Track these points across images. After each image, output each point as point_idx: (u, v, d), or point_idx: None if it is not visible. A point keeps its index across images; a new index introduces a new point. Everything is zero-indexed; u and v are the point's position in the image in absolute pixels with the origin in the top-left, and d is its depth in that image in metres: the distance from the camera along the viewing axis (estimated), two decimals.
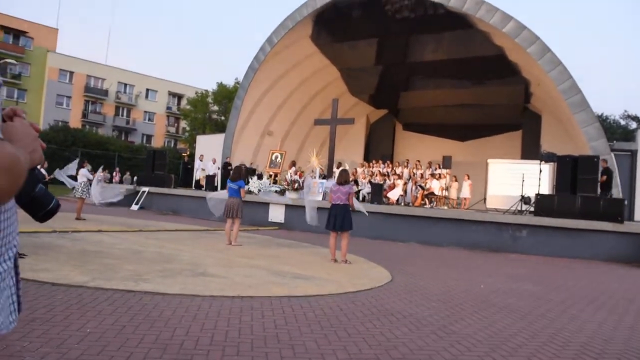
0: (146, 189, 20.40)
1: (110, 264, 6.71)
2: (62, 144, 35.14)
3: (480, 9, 17.36)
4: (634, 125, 43.01)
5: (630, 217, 16.99)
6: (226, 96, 44.14)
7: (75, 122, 47.30)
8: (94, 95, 50.87)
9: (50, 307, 4.34)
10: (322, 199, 15.96)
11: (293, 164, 19.90)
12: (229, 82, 46.35)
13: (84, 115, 50.12)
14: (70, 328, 3.78)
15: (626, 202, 14.69)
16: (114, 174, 31.34)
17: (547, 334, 4.63)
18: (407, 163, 21.54)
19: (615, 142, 21.57)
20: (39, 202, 1.56)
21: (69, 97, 49.22)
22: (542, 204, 13.45)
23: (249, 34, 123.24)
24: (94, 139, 39.51)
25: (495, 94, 23.54)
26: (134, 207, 20.00)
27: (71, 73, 49.30)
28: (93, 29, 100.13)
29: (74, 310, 4.27)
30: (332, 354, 3.63)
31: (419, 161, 21.34)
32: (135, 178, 24.59)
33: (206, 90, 47.55)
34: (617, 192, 15.53)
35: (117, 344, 3.51)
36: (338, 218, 8.39)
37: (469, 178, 19.65)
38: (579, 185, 13.04)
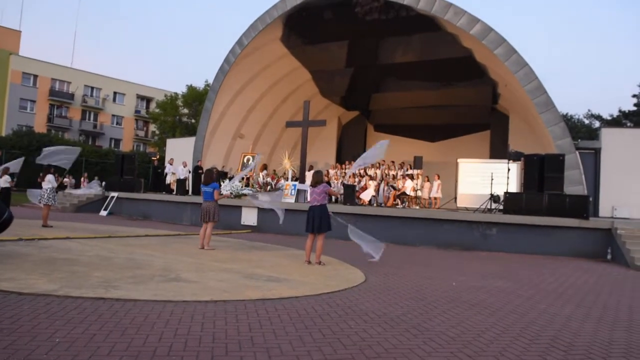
0: (115, 194, 20.02)
1: (79, 271, 6.55)
2: (27, 150, 34.12)
3: (448, 12, 17.63)
4: (597, 124, 44.33)
5: (595, 214, 17.50)
6: (196, 99, 43.65)
7: (40, 126, 46.01)
8: (60, 99, 49.62)
9: (16, 317, 4.21)
10: (295, 201, 15.96)
11: (264, 167, 19.83)
12: (199, 85, 45.90)
13: (49, 120, 48.83)
14: (38, 338, 3.68)
15: (591, 199, 15.14)
16: (82, 179, 30.63)
17: (517, 329, 4.74)
18: (380, 164, 21.70)
19: (579, 140, 22.21)
20: None
21: (33, 101, 47.89)
22: (511, 202, 13.74)
23: (218, 36, 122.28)
24: (59, 143, 38.35)
25: (464, 95, 23.97)
26: (103, 212, 19.60)
27: (35, 76, 47.98)
28: (57, 31, 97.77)
29: (41, 320, 4.16)
30: (307, 356, 3.63)
31: (393, 162, 21.53)
32: (103, 183, 24.05)
33: (175, 93, 46.92)
34: (582, 189, 15.98)
35: (87, 353, 3.43)
36: (316, 220, 8.40)
37: (438, 178, 19.93)
38: (545, 183, 13.38)
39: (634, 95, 40.91)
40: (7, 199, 13.98)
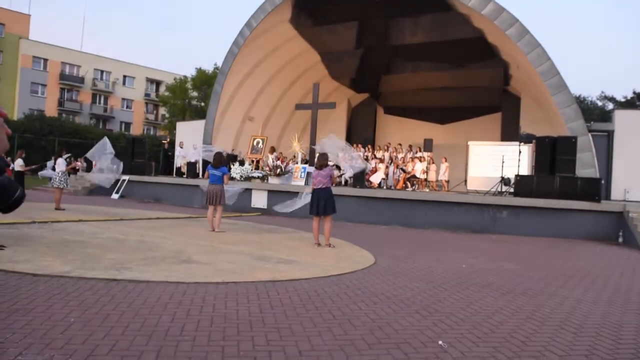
0: (126, 177, 20.16)
1: (92, 253, 6.64)
2: (38, 133, 34.41)
3: None
4: (610, 106, 43.72)
5: (607, 197, 17.36)
6: (205, 82, 43.57)
7: (51, 110, 46.31)
8: (70, 82, 49.82)
9: (32, 298, 4.29)
10: (305, 183, 15.98)
11: (273, 149, 19.84)
12: (208, 68, 45.79)
13: (60, 104, 49.11)
14: (53, 318, 3.75)
15: (603, 182, 15.00)
16: (94, 162, 30.83)
17: (527, 311, 4.74)
18: (388, 147, 21.64)
19: (592, 122, 21.95)
20: (3, 191, 1.46)
21: (44, 85, 48.13)
22: (522, 185, 13.65)
23: (228, 18, 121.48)
24: (70, 127, 38.67)
25: (475, 76, 23.68)
26: (115, 195, 19.78)
27: (45, 60, 48.14)
28: (66, 14, 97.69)
29: (56, 301, 4.23)
30: (317, 336, 3.67)
31: (400, 144, 21.44)
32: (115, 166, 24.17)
33: (185, 76, 46.88)
34: (594, 172, 15.83)
35: (101, 332, 3.49)
36: (320, 202, 8.42)
37: (446, 160, 19.83)
38: (557, 165, 13.26)
39: None
40: (20, 182, 14.18)
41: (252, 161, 19.61)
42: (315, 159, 9.01)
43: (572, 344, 3.81)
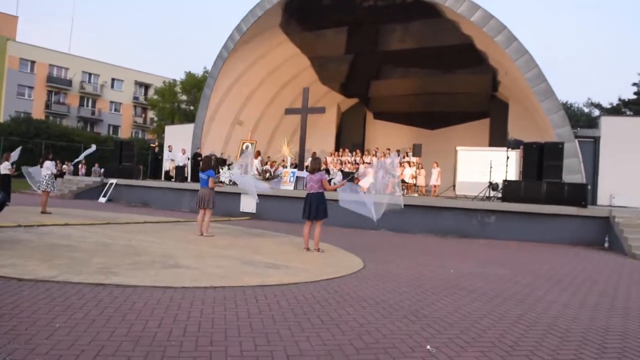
0: (114, 180, 20.01)
1: (79, 257, 6.57)
2: (25, 136, 34.05)
3: None
4: (596, 112, 44.32)
5: (594, 202, 17.54)
6: (195, 85, 43.47)
7: (38, 113, 45.84)
8: (57, 85, 49.39)
9: (16, 303, 4.23)
10: (294, 188, 15.98)
11: (258, 154, 19.81)
12: (198, 71, 45.65)
13: (47, 106, 48.64)
14: (38, 323, 3.70)
15: (589, 187, 15.16)
16: (80, 166, 30.57)
17: (514, 315, 4.77)
18: (376, 151, 21.70)
19: (579, 129, 22.15)
20: None
21: (30, 88, 47.67)
22: (509, 190, 13.75)
23: (218, 22, 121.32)
24: (58, 130, 38.34)
25: (464, 82, 23.89)
26: (102, 199, 19.61)
27: (32, 62, 47.72)
28: (55, 16, 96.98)
29: (41, 306, 4.18)
30: (305, 341, 3.66)
31: (388, 149, 21.51)
32: (102, 170, 24.02)
33: (174, 80, 46.70)
34: (580, 177, 16.00)
35: (87, 338, 3.46)
36: (312, 206, 8.40)
37: (437, 166, 19.91)
38: (544, 171, 13.38)
39: (634, 84, 40.85)
40: (7, 185, 14.00)
41: (241, 166, 19.54)
42: (309, 163, 9.01)
43: (559, 348, 3.84)
